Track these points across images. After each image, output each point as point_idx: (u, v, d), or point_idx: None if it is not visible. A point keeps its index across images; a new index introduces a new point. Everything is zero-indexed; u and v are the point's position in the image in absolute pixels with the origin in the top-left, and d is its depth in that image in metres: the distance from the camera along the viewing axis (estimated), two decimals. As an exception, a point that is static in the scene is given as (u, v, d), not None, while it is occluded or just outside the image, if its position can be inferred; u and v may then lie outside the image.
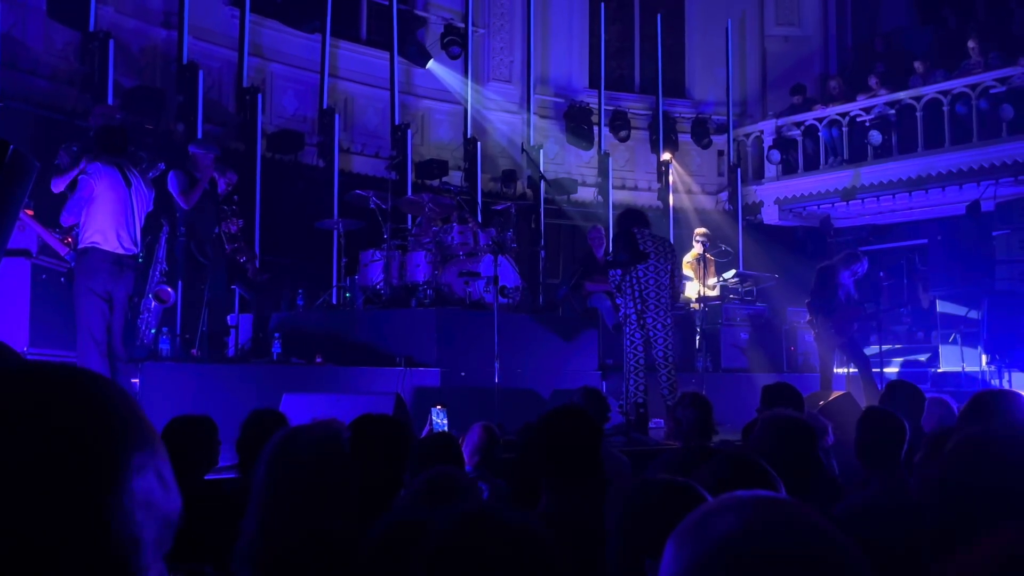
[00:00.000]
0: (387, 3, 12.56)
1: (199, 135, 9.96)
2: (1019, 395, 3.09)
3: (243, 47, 11.17)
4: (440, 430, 5.48)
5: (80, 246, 6.15)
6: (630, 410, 7.39)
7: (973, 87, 12.97)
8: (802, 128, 14.72)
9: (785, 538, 0.89)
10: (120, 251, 6.17)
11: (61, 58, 9.83)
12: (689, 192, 15.25)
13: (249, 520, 2.18)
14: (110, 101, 9.30)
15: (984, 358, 11.43)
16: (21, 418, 0.74)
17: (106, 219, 6.11)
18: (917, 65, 14.05)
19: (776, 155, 14.60)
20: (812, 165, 14.67)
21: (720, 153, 15.53)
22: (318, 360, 7.75)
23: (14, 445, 0.72)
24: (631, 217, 7.88)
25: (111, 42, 9.53)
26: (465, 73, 13.33)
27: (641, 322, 7.52)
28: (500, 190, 13.49)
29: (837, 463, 4.51)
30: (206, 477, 3.76)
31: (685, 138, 15.27)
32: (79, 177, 6.15)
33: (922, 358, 13.07)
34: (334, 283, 10.22)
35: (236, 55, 11.22)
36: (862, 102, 14.14)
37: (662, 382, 7.67)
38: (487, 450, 4.41)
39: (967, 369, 11.66)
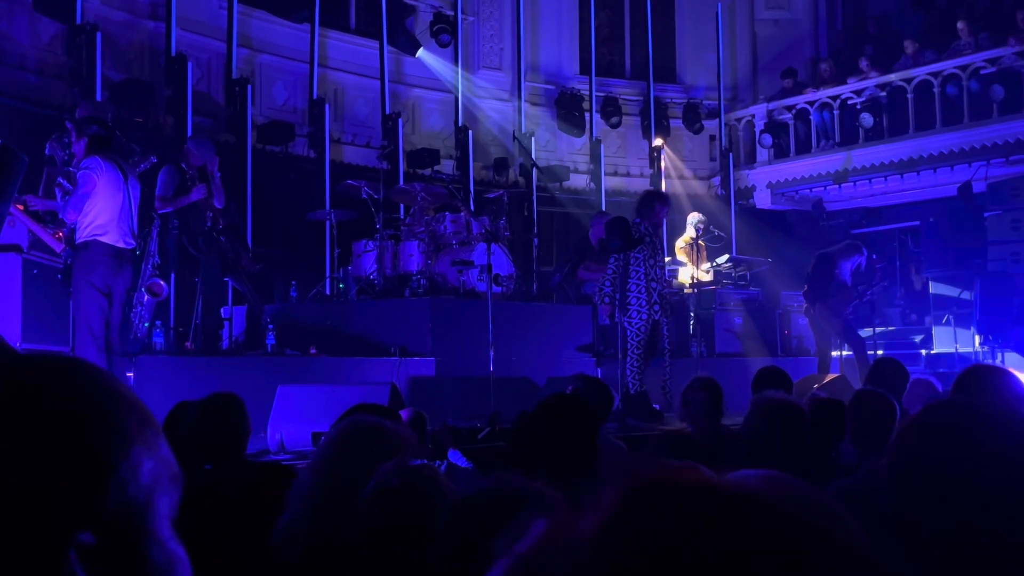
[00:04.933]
0: (376, -8, 12.51)
1: (189, 128, 9.92)
2: (1010, 373, 3.09)
3: (232, 38, 11.10)
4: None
5: (79, 240, 6.12)
6: (635, 397, 7.41)
7: (964, 68, 12.98)
8: (793, 112, 14.72)
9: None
10: (120, 244, 6.18)
11: (48, 52, 9.77)
12: (681, 177, 15.24)
13: (297, 498, 2.24)
14: (98, 94, 9.25)
15: (977, 339, 11.48)
16: (17, 408, 0.77)
17: (106, 213, 6.11)
18: (907, 45, 14.04)
19: (768, 139, 14.60)
20: (804, 149, 14.67)
21: (712, 138, 15.53)
22: (312, 351, 7.73)
23: (13, 436, 0.75)
24: (644, 204, 7.80)
25: (98, 35, 9.45)
26: (455, 61, 13.28)
27: (651, 308, 7.49)
28: (492, 178, 13.48)
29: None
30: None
31: (676, 123, 15.25)
32: (80, 173, 6.14)
33: (916, 339, 13.12)
34: (327, 274, 10.20)
35: (225, 46, 11.16)
36: (853, 85, 14.14)
37: (665, 369, 7.67)
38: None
39: (960, 350, 11.71)
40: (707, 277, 10.88)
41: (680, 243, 10.90)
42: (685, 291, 10.33)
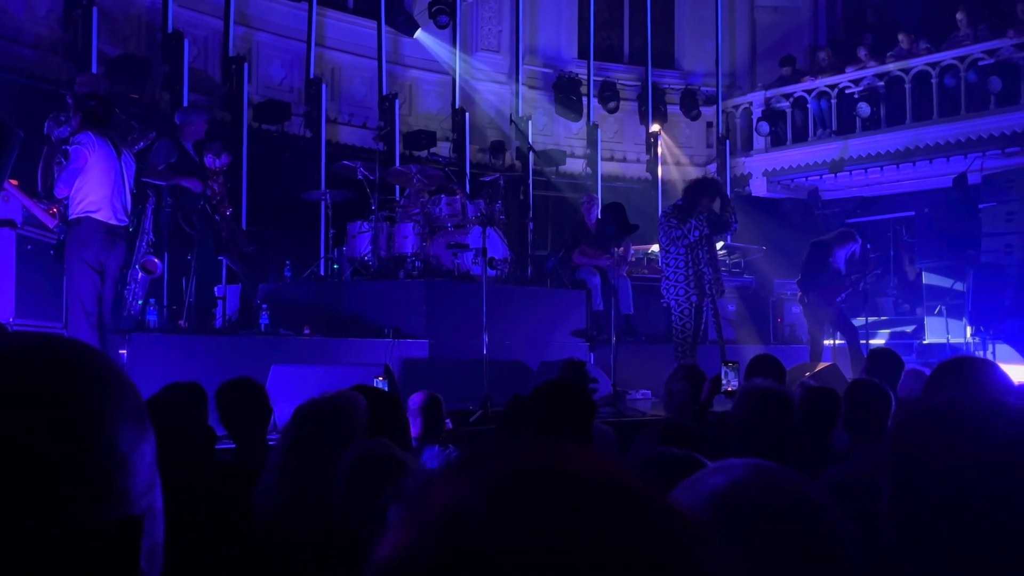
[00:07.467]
0: (374, -29, 12.44)
1: (185, 105, 9.87)
2: (990, 362, 3.09)
3: (229, 15, 11.05)
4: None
5: (72, 216, 6.11)
6: None
7: (962, 59, 12.97)
8: (791, 100, 14.70)
9: (769, 493, 0.95)
10: (113, 221, 6.16)
11: (44, 26, 9.70)
12: (678, 164, 15.23)
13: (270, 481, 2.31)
14: (94, 69, 9.20)
15: (969, 330, 11.52)
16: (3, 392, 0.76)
17: (98, 189, 6.08)
18: (902, 39, 14.03)
19: (765, 127, 14.58)
20: (800, 137, 14.66)
21: (709, 124, 15.50)
22: (306, 332, 7.75)
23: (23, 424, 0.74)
24: (699, 188, 7.84)
25: (95, 9, 9.40)
26: (453, 43, 13.23)
27: (699, 295, 7.55)
28: (488, 161, 13.45)
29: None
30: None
31: (674, 109, 15.23)
32: (71, 148, 6.11)
33: (908, 330, 13.16)
34: (322, 254, 10.20)
35: (222, 23, 11.10)
36: (851, 74, 14.12)
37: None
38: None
39: (952, 341, 11.75)
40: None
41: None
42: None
